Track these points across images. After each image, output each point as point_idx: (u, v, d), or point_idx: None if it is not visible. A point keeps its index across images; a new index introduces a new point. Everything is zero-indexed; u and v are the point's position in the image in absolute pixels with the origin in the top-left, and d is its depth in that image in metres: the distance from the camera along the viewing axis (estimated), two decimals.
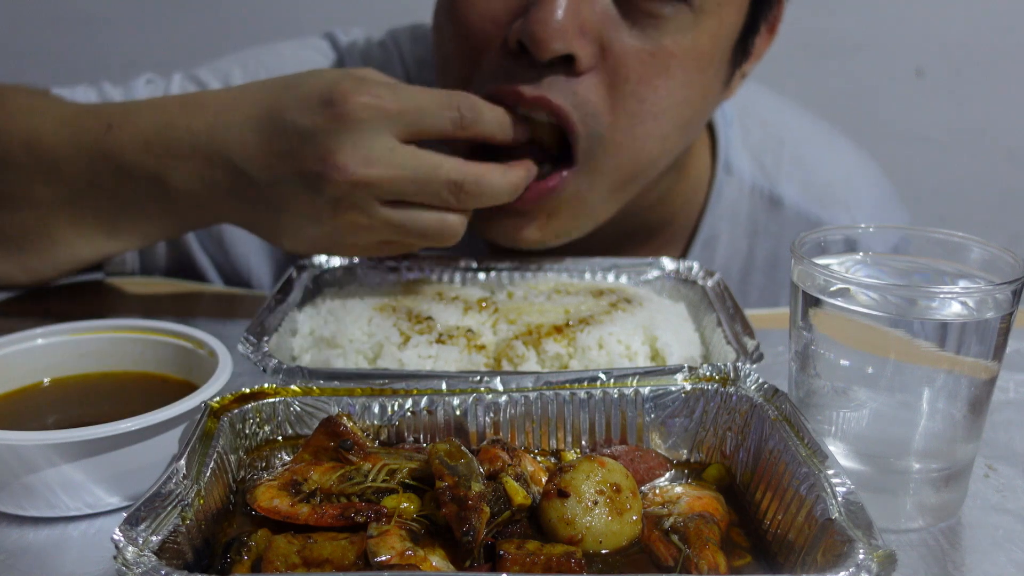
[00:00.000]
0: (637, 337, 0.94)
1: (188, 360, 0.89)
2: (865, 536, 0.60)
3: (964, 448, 0.79)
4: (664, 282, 1.12)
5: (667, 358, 0.93)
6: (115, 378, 0.91)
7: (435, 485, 0.67)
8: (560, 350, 0.92)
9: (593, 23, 1.05)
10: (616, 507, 0.68)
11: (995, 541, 0.78)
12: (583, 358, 0.91)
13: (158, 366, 0.91)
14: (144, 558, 0.58)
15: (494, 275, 1.13)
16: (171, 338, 0.91)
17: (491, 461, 0.72)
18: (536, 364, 0.91)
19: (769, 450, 0.73)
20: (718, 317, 0.99)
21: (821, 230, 0.86)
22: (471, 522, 0.64)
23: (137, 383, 0.90)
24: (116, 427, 0.75)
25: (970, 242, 0.83)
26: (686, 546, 0.66)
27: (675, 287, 1.11)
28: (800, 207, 1.37)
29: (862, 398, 0.78)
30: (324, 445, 0.74)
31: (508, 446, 0.75)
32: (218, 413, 0.75)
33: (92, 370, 0.91)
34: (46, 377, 0.90)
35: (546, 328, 0.94)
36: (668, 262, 1.12)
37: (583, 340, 0.92)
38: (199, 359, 0.88)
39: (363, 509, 0.67)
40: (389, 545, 0.63)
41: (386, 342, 0.93)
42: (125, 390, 0.90)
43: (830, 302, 0.77)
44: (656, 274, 1.12)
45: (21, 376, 0.88)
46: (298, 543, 0.64)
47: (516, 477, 0.70)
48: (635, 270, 1.13)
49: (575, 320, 0.96)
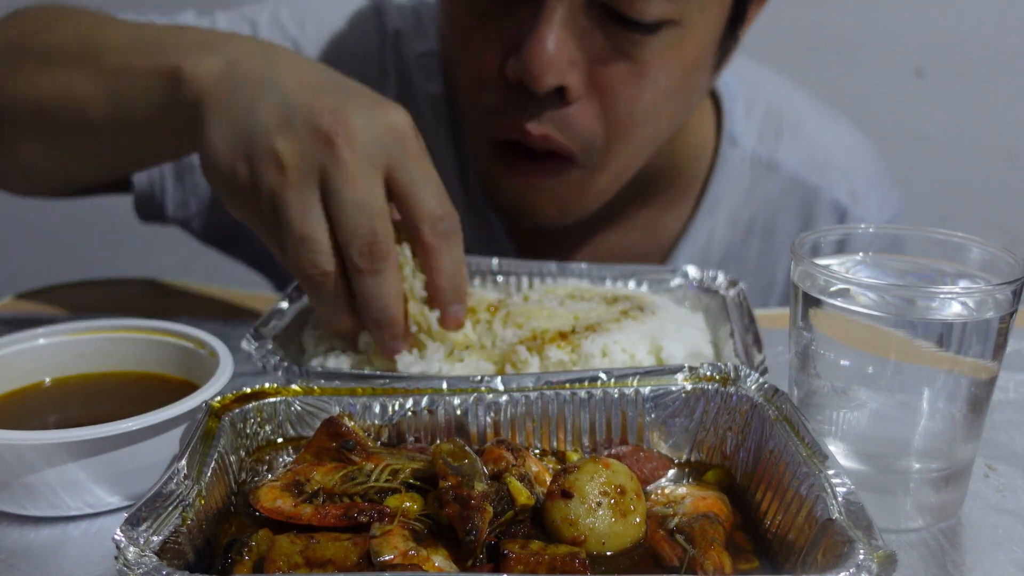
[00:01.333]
0: (643, 346, 0.93)
1: (189, 360, 0.90)
2: (865, 536, 0.60)
3: (964, 448, 0.79)
4: (686, 291, 1.10)
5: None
6: (116, 378, 0.91)
7: (438, 485, 0.68)
8: (563, 356, 0.91)
9: (578, 54, 1.08)
10: (620, 508, 0.68)
11: (995, 541, 0.78)
12: (586, 366, 0.91)
13: (159, 366, 0.91)
14: (145, 558, 0.58)
15: (513, 279, 1.11)
16: (172, 338, 0.91)
17: (495, 461, 0.72)
18: (539, 369, 0.91)
19: (769, 450, 0.73)
20: (732, 328, 0.98)
21: (821, 230, 0.86)
22: (474, 521, 0.64)
23: (138, 383, 0.90)
24: (117, 427, 0.75)
25: (970, 242, 0.83)
26: (691, 546, 0.66)
27: (696, 296, 1.09)
28: (797, 172, 1.40)
29: (862, 398, 0.78)
30: (326, 445, 0.74)
31: (512, 446, 0.75)
32: (219, 413, 0.75)
33: (93, 370, 0.91)
34: (47, 377, 0.90)
35: (551, 334, 0.94)
36: (693, 270, 1.10)
37: (587, 347, 0.92)
38: (200, 359, 0.88)
39: (366, 509, 0.67)
40: (392, 545, 0.63)
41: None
42: (126, 390, 0.90)
43: (830, 302, 0.77)
44: (679, 282, 1.11)
45: (22, 376, 0.89)
46: (301, 543, 0.64)
47: (520, 477, 0.70)
48: (657, 277, 1.11)
49: (581, 327, 0.95)
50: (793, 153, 1.40)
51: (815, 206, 1.39)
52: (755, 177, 1.39)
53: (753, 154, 1.39)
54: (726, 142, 1.38)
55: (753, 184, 1.40)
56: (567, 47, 1.07)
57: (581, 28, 1.07)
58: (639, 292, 1.09)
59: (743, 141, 1.39)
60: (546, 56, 1.05)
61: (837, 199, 1.39)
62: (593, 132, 1.13)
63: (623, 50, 1.09)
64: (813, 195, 1.39)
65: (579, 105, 1.11)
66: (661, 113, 1.16)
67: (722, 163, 1.38)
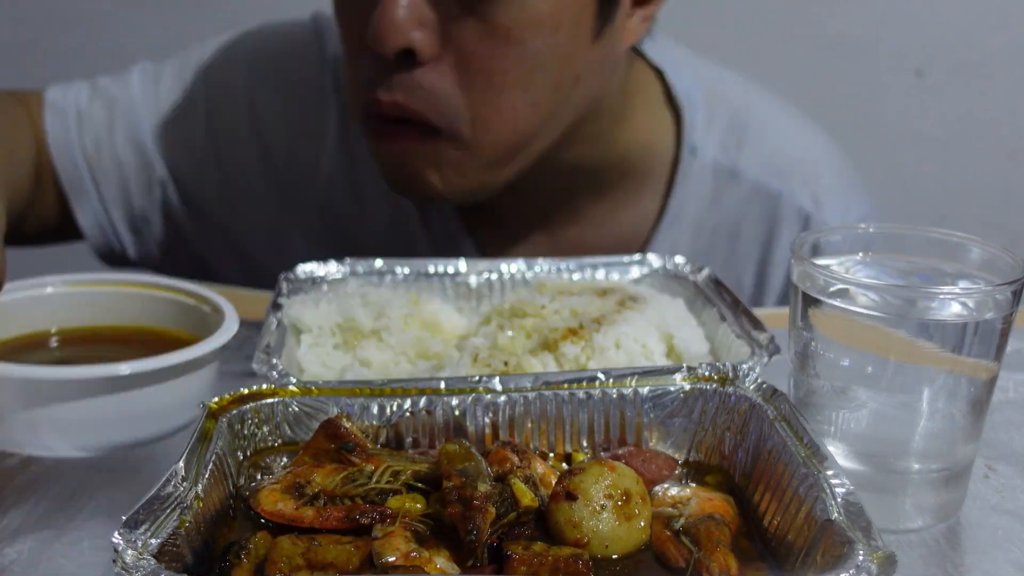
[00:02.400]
0: (652, 335, 0.93)
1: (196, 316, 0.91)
2: (864, 537, 0.60)
3: (964, 448, 0.79)
4: (654, 279, 1.11)
5: (683, 355, 0.93)
6: (123, 331, 0.92)
7: (442, 485, 0.68)
8: (578, 351, 0.91)
9: (430, 15, 1.08)
10: (624, 512, 0.67)
11: (995, 541, 0.78)
12: (601, 359, 0.90)
13: (166, 321, 0.93)
14: (143, 561, 0.58)
15: (484, 276, 1.11)
16: (181, 296, 0.92)
17: (500, 463, 0.72)
18: (555, 367, 0.91)
19: (768, 450, 0.73)
20: (720, 312, 0.98)
21: (821, 230, 0.86)
22: (475, 521, 0.64)
23: (145, 337, 0.92)
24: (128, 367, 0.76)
25: (970, 242, 0.83)
26: (696, 548, 0.66)
27: (665, 284, 1.10)
28: (759, 180, 1.39)
29: (862, 398, 0.78)
30: (325, 447, 0.74)
31: (519, 448, 0.75)
32: (216, 414, 0.75)
33: (101, 322, 0.92)
34: (53, 326, 0.90)
35: (560, 331, 0.93)
36: (654, 258, 1.11)
37: (600, 341, 0.91)
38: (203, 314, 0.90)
39: (368, 511, 0.67)
40: (394, 546, 0.63)
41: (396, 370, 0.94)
42: (132, 342, 0.91)
43: (830, 302, 0.77)
44: (645, 271, 1.11)
45: (28, 323, 0.89)
46: (302, 545, 0.64)
47: (524, 479, 0.70)
48: (621, 267, 1.11)
49: (588, 321, 0.95)
50: (755, 160, 1.40)
51: (778, 212, 1.39)
52: (718, 185, 1.39)
53: (715, 163, 1.38)
54: (687, 152, 1.37)
55: (716, 192, 1.39)
56: (416, 9, 1.07)
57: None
58: (622, 283, 1.09)
59: (703, 151, 1.38)
60: (390, 17, 1.06)
61: (800, 204, 1.39)
62: (448, 97, 1.11)
63: (473, 8, 1.08)
64: (776, 201, 1.39)
65: (433, 69, 1.10)
66: (529, 80, 1.13)
67: (683, 175, 1.37)
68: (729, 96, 1.43)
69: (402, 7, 1.06)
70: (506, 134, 1.16)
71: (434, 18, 1.08)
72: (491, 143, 1.16)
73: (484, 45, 1.09)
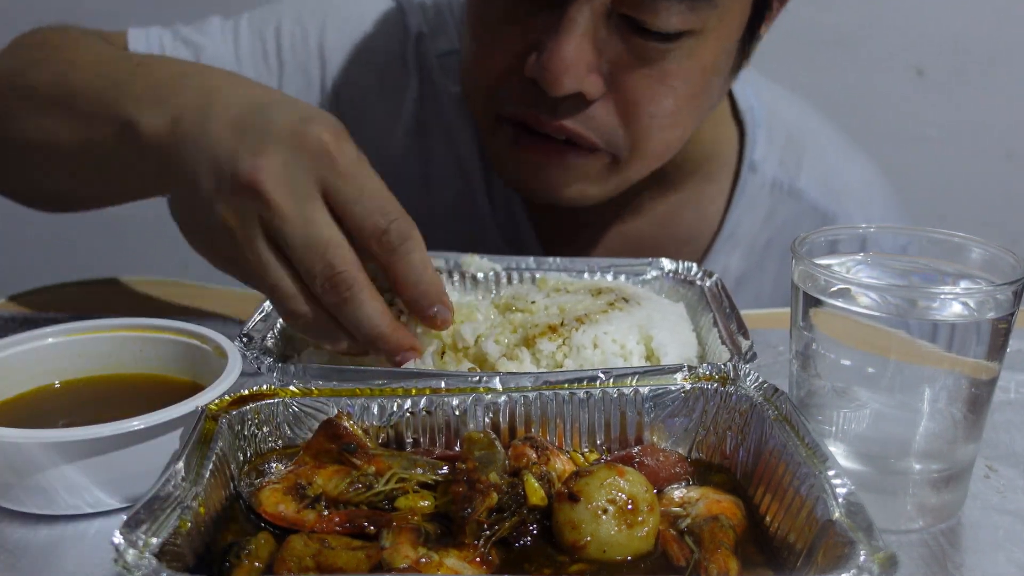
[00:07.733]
0: (632, 336, 0.93)
1: (198, 359, 0.90)
2: (866, 537, 0.60)
3: (965, 449, 0.79)
4: (663, 282, 1.12)
5: (662, 358, 0.93)
6: (124, 381, 0.91)
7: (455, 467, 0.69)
8: (554, 348, 0.91)
9: (597, 59, 1.10)
10: (627, 519, 0.67)
11: (995, 542, 0.78)
12: (577, 357, 0.91)
13: (169, 367, 0.92)
14: (145, 561, 0.58)
15: (492, 274, 1.12)
16: (183, 337, 0.91)
17: (517, 458, 0.73)
18: (531, 363, 0.91)
19: (769, 450, 0.73)
20: (714, 317, 0.99)
21: (821, 231, 0.86)
22: (473, 501, 0.65)
23: (147, 385, 0.91)
24: (117, 427, 0.75)
25: (970, 242, 0.83)
26: (698, 548, 0.66)
27: (674, 287, 1.11)
28: (817, 201, 1.42)
29: (862, 398, 0.78)
30: (326, 447, 0.74)
31: (540, 444, 0.75)
32: (216, 415, 0.75)
33: (101, 372, 0.91)
34: (56, 380, 0.90)
35: (540, 328, 0.94)
36: (667, 263, 1.12)
37: (577, 339, 0.91)
38: (207, 357, 0.89)
39: (370, 516, 0.67)
40: (403, 554, 0.63)
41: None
42: (134, 392, 0.90)
43: (831, 302, 0.77)
44: (655, 274, 1.12)
45: (32, 378, 0.89)
46: (314, 547, 0.64)
47: (539, 476, 0.71)
48: (633, 270, 1.13)
49: (570, 318, 0.95)
50: (813, 180, 1.43)
51: None
52: (774, 203, 1.42)
53: (774, 180, 1.42)
54: (746, 168, 1.41)
55: (772, 210, 1.42)
56: (586, 54, 1.09)
57: (602, 36, 1.09)
58: (622, 284, 1.10)
59: (763, 167, 1.41)
60: (564, 64, 1.08)
61: None
62: (614, 128, 1.16)
63: (643, 57, 1.11)
64: (830, 223, 1.41)
65: (599, 106, 1.14)
66: (683, 116, 1.18)
67: (741, 193, 1.41)
68: (787, 116, 1.46)
69: (571, 52, 1.07)
70: (658, 158, 1.23)
71: (600, 63, 1.11)
72: (644, 165, 1.23)
73: (649, 90, 1.13)
